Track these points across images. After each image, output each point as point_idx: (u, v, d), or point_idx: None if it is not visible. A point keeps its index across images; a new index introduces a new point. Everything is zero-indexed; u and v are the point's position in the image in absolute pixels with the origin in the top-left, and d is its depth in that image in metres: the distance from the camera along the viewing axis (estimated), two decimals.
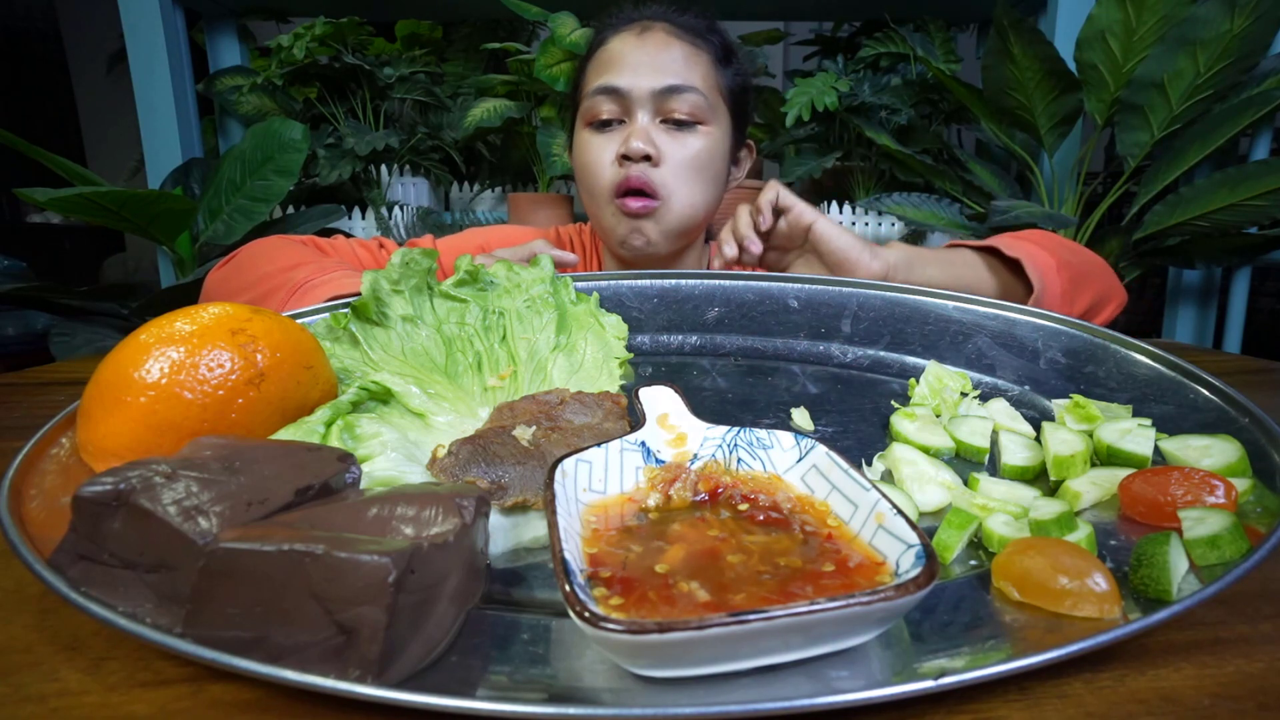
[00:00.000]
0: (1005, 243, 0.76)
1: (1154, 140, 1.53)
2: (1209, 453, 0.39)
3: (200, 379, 0.36)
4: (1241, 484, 0.36)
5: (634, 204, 0.81)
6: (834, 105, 1.71)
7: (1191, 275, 1.78)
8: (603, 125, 0.83)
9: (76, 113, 3.57)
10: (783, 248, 0.75)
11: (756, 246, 0.71)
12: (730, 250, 0.71)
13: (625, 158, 0.80)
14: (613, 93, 0.81)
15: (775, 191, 0.73)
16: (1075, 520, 0.34)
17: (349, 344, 0.48)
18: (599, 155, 0.82)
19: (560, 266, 0.62)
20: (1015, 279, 0.76)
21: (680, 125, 0.82)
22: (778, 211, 0.72)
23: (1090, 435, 0.43)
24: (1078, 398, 0.46)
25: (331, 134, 1.89)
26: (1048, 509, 0.34)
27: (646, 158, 0.80)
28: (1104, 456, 0.41)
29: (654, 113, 0.81)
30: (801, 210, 0.71)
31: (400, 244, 0.95)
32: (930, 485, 0.39)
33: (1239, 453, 0.38)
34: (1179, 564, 0.29)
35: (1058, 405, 0.48)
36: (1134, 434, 0.41)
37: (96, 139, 3.58)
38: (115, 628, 0.25)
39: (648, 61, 0.81)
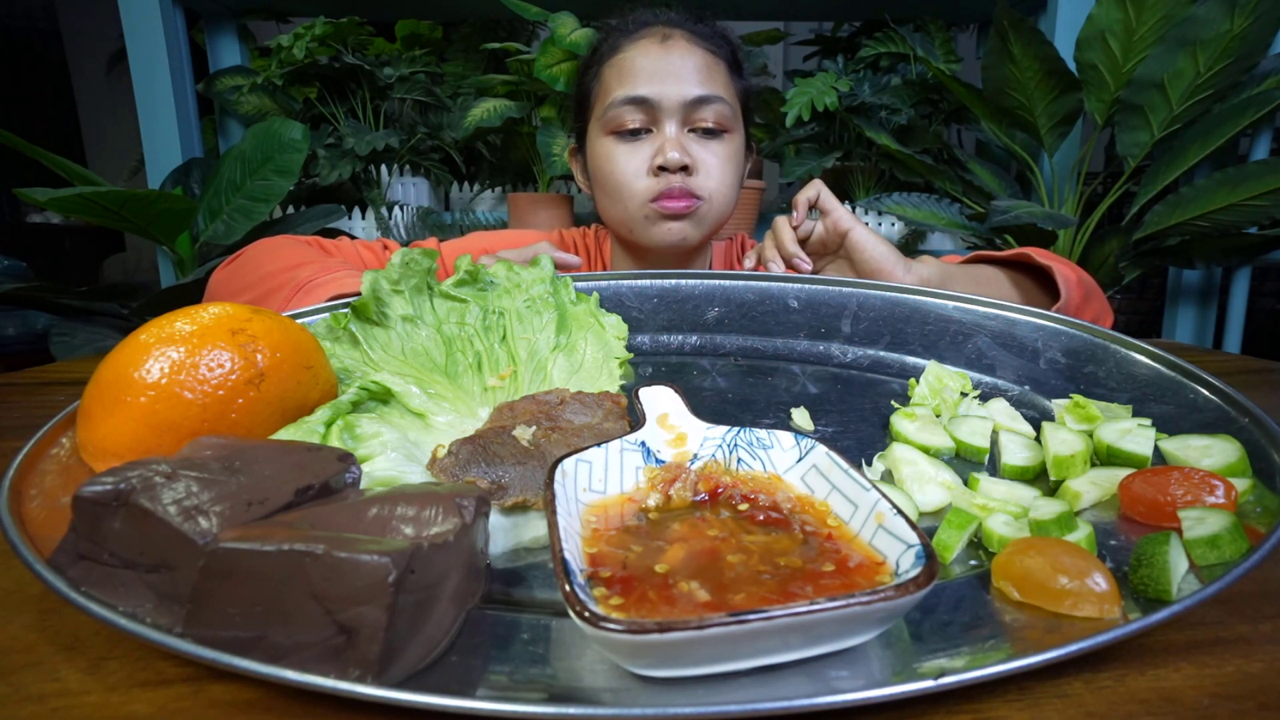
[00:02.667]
0: (1034, 251, 0.76)
1: (1154, 140, 1.53)
2: (1209, 453, 0.39)
3: (200, 379, 0.36)
4: (1241, 484, 0.36)
5: (677, 204, 0.81)
6: (834, 105, 1.71)
7: (1191, 275, 1.78)
8: (629, 135, 0.83)
9: (76, 113, 3.57)
10: (816, 253, 0.75)
11: (808, 265, 0.72)
12: (778, 270, 0.71)
13: (663, 168, 0.80)
14: (641, 103, 0.81)
15: (816, 190, 0.74)
16: (1075, 520, 0.34)
17: (349, 344, 0.48)
18: (627, 164, 0.83)
19: (563, 269, 0.62)
20: (1039, 291, 0.77)
21: (708, 134, 0.83)
22: (813, 210, 0.72)
23: (1090, 435, 0.43)
24: (1077, 398, 0.46)
25: (331, 134, 1.89)
26: (1048, 509, 0.34)
27: (684, 168, 0.80)
28: (1104, 456, 0.41)
29: (681, 122, 0.82)
30: (840, 216, 0.72)
31: (403, 245, 0.95)
32: (930, 485, 0.39)
33: (1239, 453, 0.38)
34: (1179, 564, 0.29)
35: (1057, 405, 0.48)
36: (1134, 434, 0.41)
37: (96, 139, 3.58)
38: (115, 628, 0.25)
39: (675, 71, 0.81)
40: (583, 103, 0.91)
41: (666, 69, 0.81)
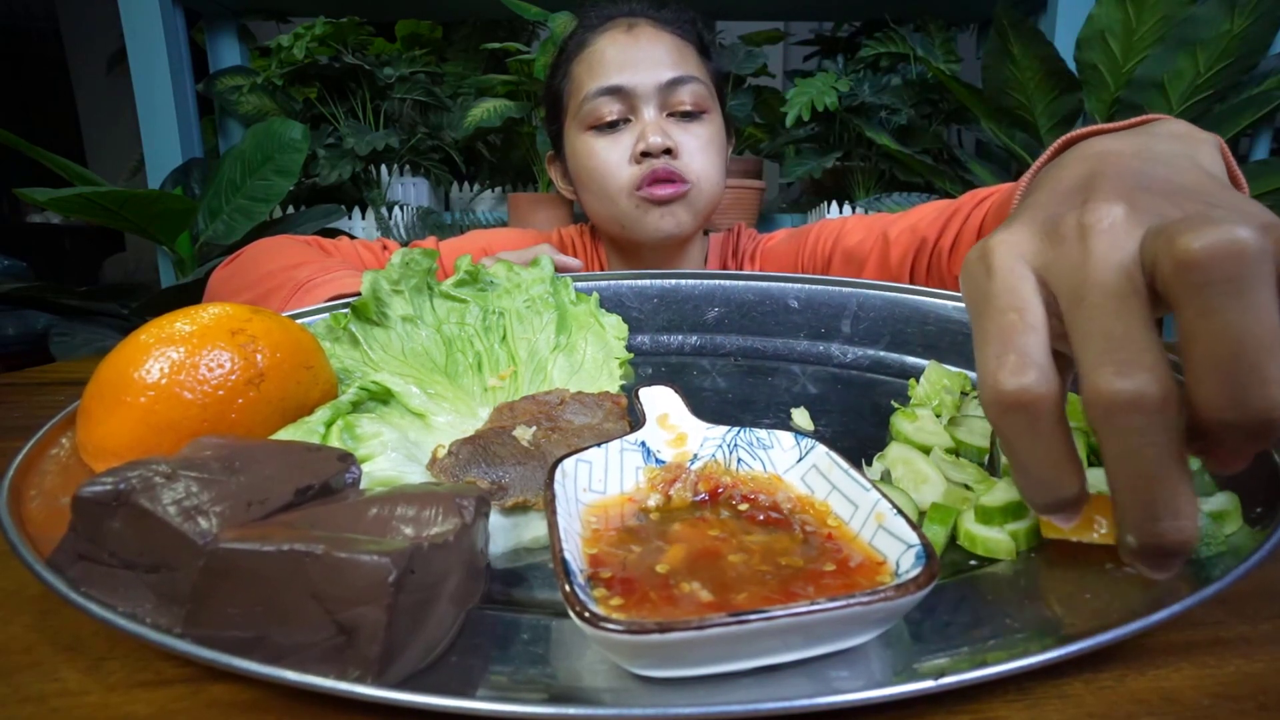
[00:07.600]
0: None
1: None
2: None
3: (200, 379, 0.36)
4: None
5: (664, 190, 0.80)
6: (834, 105, 1.71)
7: None
8: (608, 127, 0.82)
9: (76, 113, 3.56)
10: None
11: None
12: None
13: (646, 154, 0.79)
14: (617, 92, 0.80)
15: None
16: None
17: (349, 344, 0.48)
18: (609, 156, 0.81)
19: (563, 272, 0.62)
20: None
21: (687, 116, 0.82)
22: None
23: (1086, 434, 0.43)
24: (1070, 394, 0.46)
25: (331, 134, 1.89)
26: (999, 496, 0.34)
27: (667, 151, 0.79)
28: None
29: (659, 107, 0.81)
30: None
31: (403, 245, 0.95)
32: (929, 485, 0.39)
33: None
34: None
35: None
36: None
37: (96, 139, 3.58)
38: (115, 628, 0.25)
39: (645, 57, 0.80)
40: (555, 105, 0.90)
41: (637, 56, 0.80)
